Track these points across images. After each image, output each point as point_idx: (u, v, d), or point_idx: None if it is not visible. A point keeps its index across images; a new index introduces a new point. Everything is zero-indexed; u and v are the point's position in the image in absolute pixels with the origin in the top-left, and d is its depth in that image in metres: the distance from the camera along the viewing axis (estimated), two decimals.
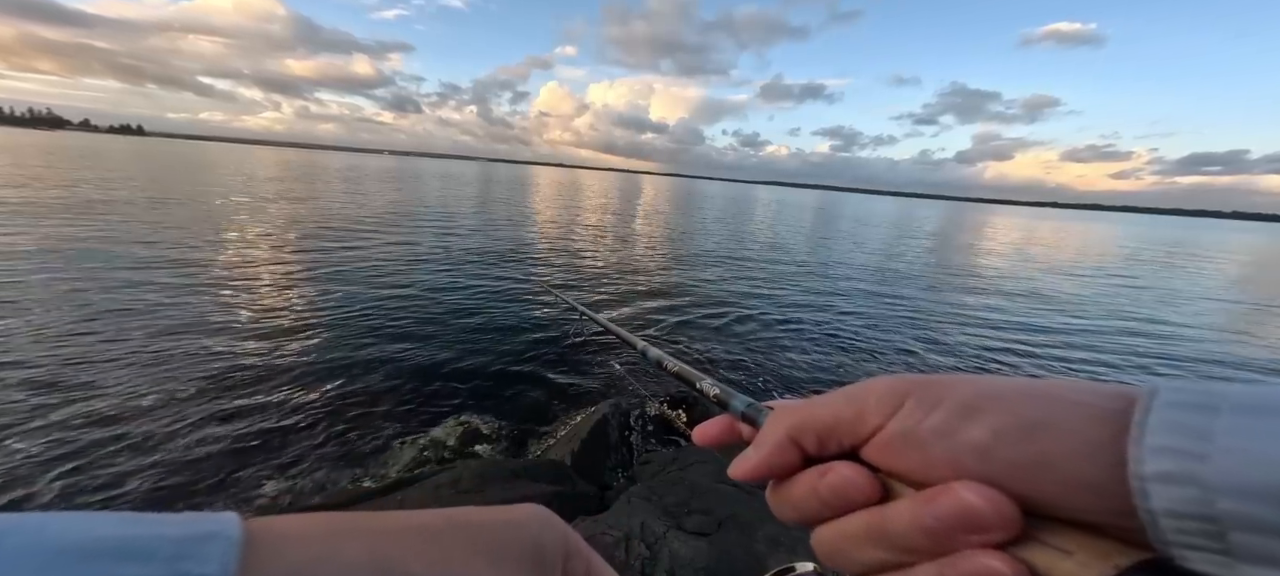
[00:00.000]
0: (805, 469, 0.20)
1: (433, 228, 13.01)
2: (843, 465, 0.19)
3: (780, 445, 0.20)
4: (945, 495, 0.16)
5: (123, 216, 10.48)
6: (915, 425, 0.17)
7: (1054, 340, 7.00)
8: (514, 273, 8.46)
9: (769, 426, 0.21)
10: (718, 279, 9.47)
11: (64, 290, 5.48)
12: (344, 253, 8.82)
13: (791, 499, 0.20)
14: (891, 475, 0.18)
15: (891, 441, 0.18)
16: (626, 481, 3.02)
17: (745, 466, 0.22)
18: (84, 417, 3.21)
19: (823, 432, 0.20)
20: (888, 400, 0.18)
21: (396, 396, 3.92)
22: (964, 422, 0.16)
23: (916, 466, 0.17)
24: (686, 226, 19.47)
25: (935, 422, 0.17)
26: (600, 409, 3.67)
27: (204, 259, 7.47)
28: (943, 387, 0.17)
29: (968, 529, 0.15)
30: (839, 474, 0.18)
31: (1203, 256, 23.40)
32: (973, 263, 15.11)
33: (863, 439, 0.19)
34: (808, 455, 0.20)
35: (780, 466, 0.20)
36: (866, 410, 0.19)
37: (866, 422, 0.19)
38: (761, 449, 0.21)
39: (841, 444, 0.19)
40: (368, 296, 6.32)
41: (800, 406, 0.21)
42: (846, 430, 0.19)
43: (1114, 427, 0.14)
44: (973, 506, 0.15)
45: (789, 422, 0.20)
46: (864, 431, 0.19)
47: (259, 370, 4.11)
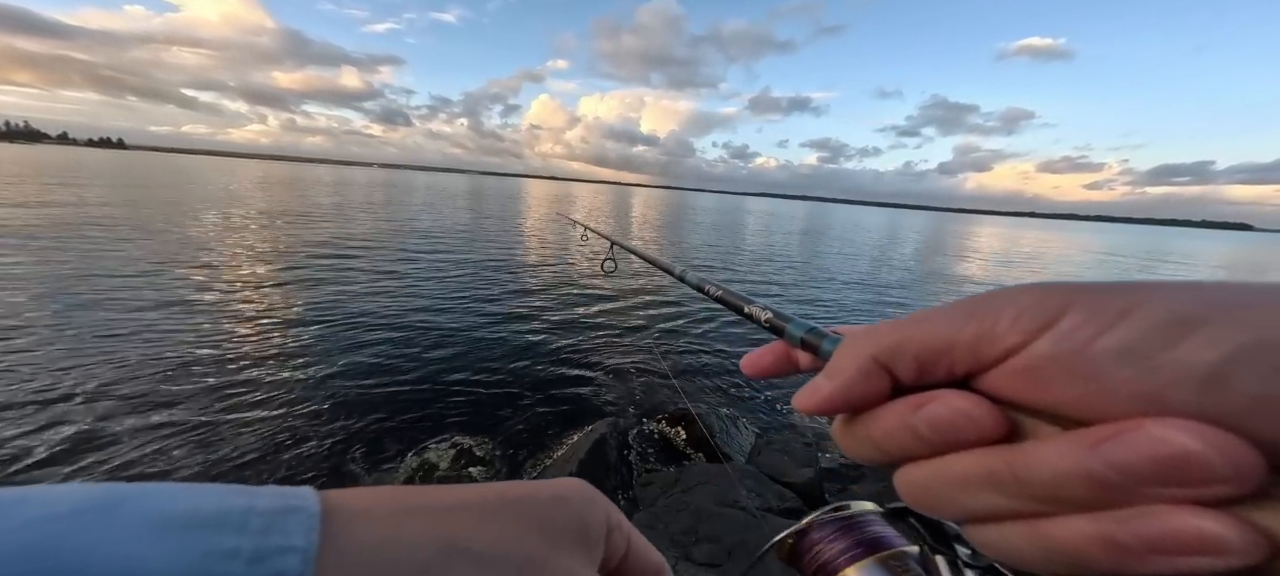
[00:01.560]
0: (893, 399, 0.16)
1: (421, 243, 12.86)
2: (951, 394, 0.15)
3: (864, 371, 0.16)
4: (1132, 433, 0.11)
5: (100, 235, 10.17)
6: (1083, 344, 0.13)
7: None
8: (505, 289, 8.36)
9: (847, 350, 0.18)
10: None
11: (37, 314, 5.25)
12: (327, 270, 8.64)
13: (874, 434, 0.16)
14: (1026, 408, 0.14)
15: (1036, 366, 0.13)
16: (627, 504, 2.93)
17: (817, 396, 0.17)
18: (63, 440, 3.03)
19: (926, 356, 0.16)
20: (1034, 314, 0.14)
21: (385, 417, 3.78)
22: (1174, 340, 0.11)
23: (1078, 398, 0.13)
24: (692, 239, 19.56)
25: (1118, 342, 0.12)
26: (598, 428, 3.59)
27: (182, 279, 7.25)
28: (1128, 296, 0.13)
29: (1170, 479, 0.11)
30: (946, 404, 0.15)
31: (1180, 264, 24.14)
32: (971, 273, 15.38)
33: (986, 364, 0.15)
34: (899, 383, 0.16)
35: (861, 396, 0.17)
36: (997, 327, 0.14)
37: (996, 343, 0.14)
38: (838, 375, 0.17)
39: (952, 370, 0.15)
40: (353, 315, 6.17)
41: (891, 327, 0.17)
42: (964, 352, 0.15)
43: None
44: (1182, 448, 0.11)
45: (876, 345, 0.17)
46: (990, 354, 0.14)
47: (239, 392, 3.94)
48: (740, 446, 3.85)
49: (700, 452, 3.69)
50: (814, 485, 2.79)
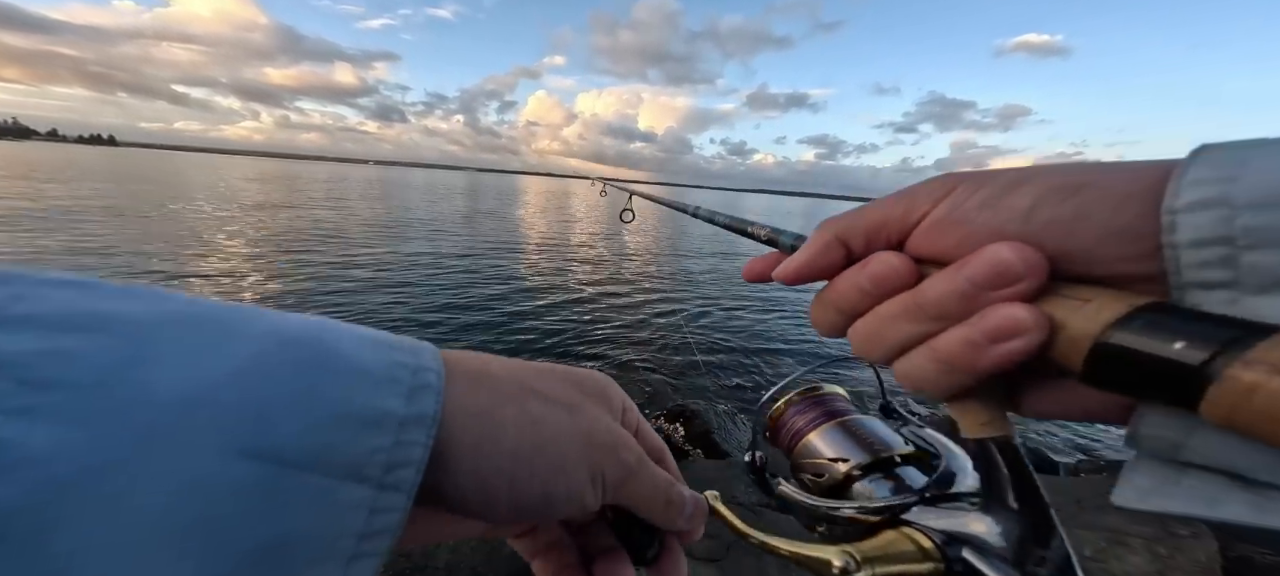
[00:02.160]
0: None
1: (417, 237, 12.81)
2: (883, 253, 0.20)
3: (826, 245, 0.21)
4: (980, 254, 0.16)
5: (95, 229, 10.07)
6: (961, 203, 0.18)
7: None
8: (500, 286, 8.35)
9: (815, 233, 0.22)
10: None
11: None
12: (320, 267, 8.61)
13: (833, 299, 0.21)
14: (932, 259, 0.19)
15: (936, 224, 0.19)
16: None
17: (791, 266, 0.22)
18: None
19: (870, 230, 0.20)
20: (937, 189, 0.19)
21: None
22: (1009, 193, 0.17)
23: (957, 242, 0.18)
24: (695, 239, 19.59)
25: (981, 197, 0.18)
26: None
27: (175, 273, 7.21)
28: (992, 172, 0.18)
29: (997, 283, 0.16)
30: (879, 260, 0.19)
31: None
32: None
33: (909, 230, 0.20)
34: (853, 255, 0.21)
35: (824, 265, 0.21)
36: (916, 202, 0.19)
37: (915, 213, 0.19)
38: (807, 250, 0.22)
39: (889, 240, 0.20)
40: (346, 310, 6.16)
41: (848, 213, 0.21)
42: (895, 225, 0.20)
43: (1153, 178, 0.15)
44: (1003, 259, 0.16)
45: (836, 226, 0.21)
46: (911, 221, 0.19)
47: None
48: (738, 442, 3.88)
49: (698, 448, 3.72)
50: None
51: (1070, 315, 0.15)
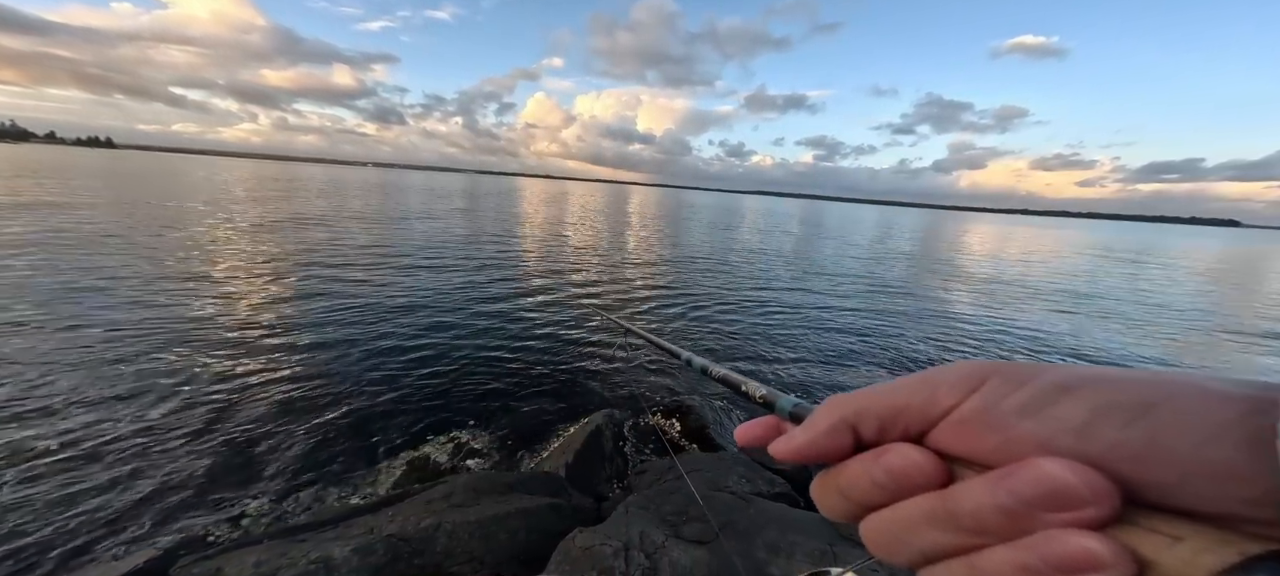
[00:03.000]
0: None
1: (415, 241, 12.85)
2: (902, 445, 0.18)
3: (833, 428, 0.20)
4: (1026, 469, 0.14)
5: (96, 226, 10.09)
6: (997, 402, 0.16)
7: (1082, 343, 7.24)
8: (499, 287, 8.40)
9: (822, 410, 0.21)
10: (731, 287, 9.55)
11: (41, 303, 5.24)
12: (322, 270, 8.64)
13: (840, 484, 0.19)
14: (961, 459, 0.17)
15: (966, 421, 0.17)
16: (622, 491, 3.00)
17: (790, 445, 0.21)
18: (62, 436, 3.06)
19: (885, 417, 0.19)
20: (966, 381, 0.17)
21: (384, 413, 3.83)
22: (1057, 400, 0.15)
23: (994, 447, 0.16)
24: (701, 240, 19.62)
25: (1021, 399, 0.16)
26: (594, 420, 3.65)
27: (174, 276, 7.24)
28: (1032, 369, 0.16)
29: (1053, 505, 0.14)
30: (898, 453, 0.18)
31: (1170, 263, 24.49)
32: (987, 271, 15.55)
33: (932, 422, 0.18)
34: (863, 442, 0.19)
35: (829, 449, 0.20)
36: (939, 392, 0.18)
37: (938, 404, 0.18)
38: (810, 430, 0.20)
39: (908, 430, 0.19)
40: (348, 314, 6.20)
41: (858, 393, 0.20)
42: (915, 414, 0.18)
43: (1245, 407, 0.13)
44: (1060, 479, 0.13)
45: (845, 407, 0.20)
46: (935, 414, 0.18)
47: (240, 389, 3.98)
48: (732, 436, 3.94)
49: (694, 443, 3.77)
50: (803, 471, 2.87)
51: (1159, 554, 0.13)
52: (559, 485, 2.51)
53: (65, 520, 2.48)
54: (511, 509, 1.95)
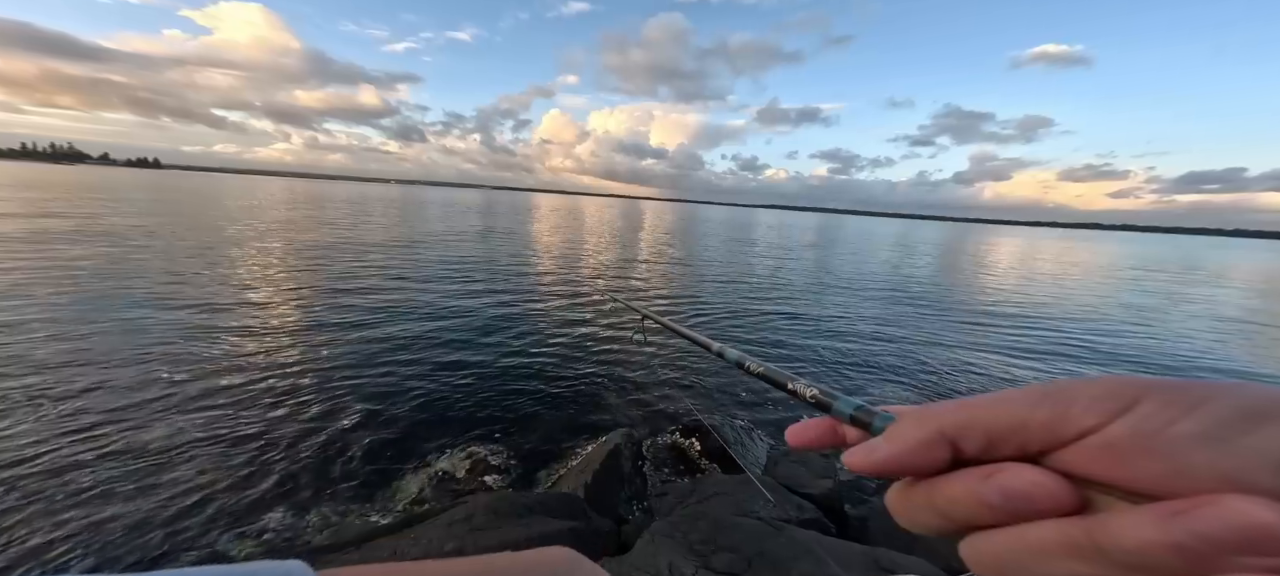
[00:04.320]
0: (953, 470, 0.18)
1: (432, 255, 13.13)
2: (1023, 466, 0.16)
3: (928, 441, 0.18)
4: (1215, 507, 0.12)
5: (144, 250, 10.65)
6: (1161, 428, 0.14)
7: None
8: (514, 301, 8.47)
9: (909, 422, 0.19)
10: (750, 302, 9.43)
11: (69, 320, 5.51)
12: (341, 283, 8.88)
13: (937, 500, 0.18)
14: (1097, 484, 0.15)
15: (1116, 446, 0.15)
16: (642, 514, 2.91)
17: (874, 457, 0.19)
18: (89, 449, 3.15)
19: (997, 433, 0.17)
20: (1111, 399, 0.15)
21: (401, 427, 3.84)
22: (1250, 429, 0.13)
23: (1157, 476, 0.14)
24: (714, 254, 19.57)
25: (1197, 426, 0.14)
26: (612, 438, 3.58)
27: (202, 289, 7.54)
28: (1199, 389, 0.14)
29: (1247, 549, 0.12)
30: (1020, 475, 0.16)
31: (1221, 279, 23.18)
32: (1018, 285, 15.03)
33: (1060, 442, 0.16)
34: (963, 457, 0.18)
35: (921, 464, 0.18)
36: (1072, 410, 0.16)
37: (1070, 424, 0.16)
38: (899, 442, 0.18)
39: (1024, 448, 0.17)
40: (370, 327, 6.32)
41: (955, 405, 0.18)
42: (1037, 431, 0.16)
43: None
44: (1261, 522, 0.12)
45: (942, 419, 0.18)
46: (1065, 434, 0.16)
47: (257, 402, 4.06)
48: (755, 457, 3.80)
49: (715, 463, 3.66)
50: (833, 497, 2.73)
51: None
52: (579, 507, 2.45)
53: (76, 532, 2.52)
54: (533, 533, 1.89)
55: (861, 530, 2.60)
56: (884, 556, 1.80)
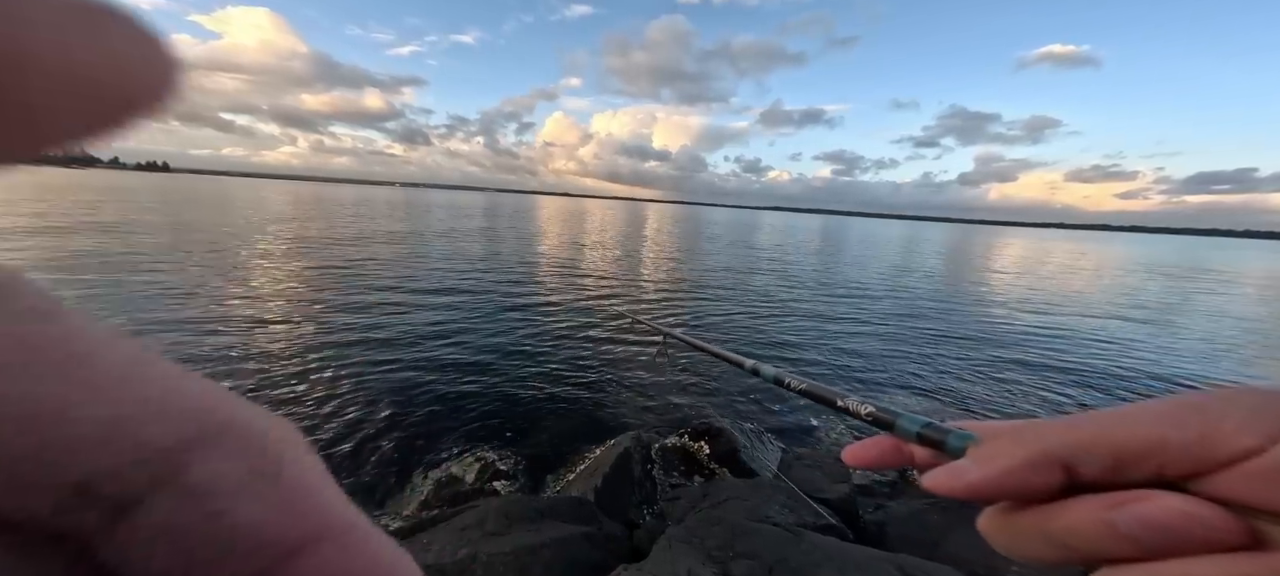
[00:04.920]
0: (1066, 496, 0.16)
1: (439, 258, 13.17)
2: (1168, 496, 0.14)
3: (1033, 463, 0.16)
4: None
5: (155, 250, 10.77)
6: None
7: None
8: (519, 303, 8.46)
9: (1006, 442, 0.17)
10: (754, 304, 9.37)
11: None
12: (346, 286, 8.91)
13: (1053, 529, 0.16)
14: (1266, 512, 0.13)
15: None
16: (653, 518, 2.86)
17: (965, 480, 0.17)
18: None
19: (1126, 455, 0.15)
20: (1268, 417, 0.13)
21: (409, 431, 3.82)
22: None
23: None
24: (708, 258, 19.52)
25: None
26: (621, 441, 3.54)
27: (211, 291, 7.58)
28: None
29: None
30: (1165, 506, 0.14)
31: (1231, 280, 22.84)
32: (1050, 289, 14.87)
33: (1210, 466, 0.14)
34: (1079, 481, 0.16)
35: (1026, 488, 0.16)
36: (1222, 429, 0.14)
37: (1223, 444, 0.14)
38: (995, 464, 0.16)
39: (1160, 471, 0.15)
40: (375, 330, 6.32)
41: (1066, 424, 0.16)
42: (1177, 454, 0.14)
43: None
44: None
45: (1049, 439, 0.16)
46: (1217, 456, 0.14)
47: (268, 403, 4.05)
48: (765, 461, 3.75)
49: (725, 467, 3.60)
50: (850, 501, 2.68)
51: None
52: (590, 512, 2.41)
53: None
54: (545, 538, 1.86)
55: (879, 535, 2.54)
56: (907, 562, 1.75)
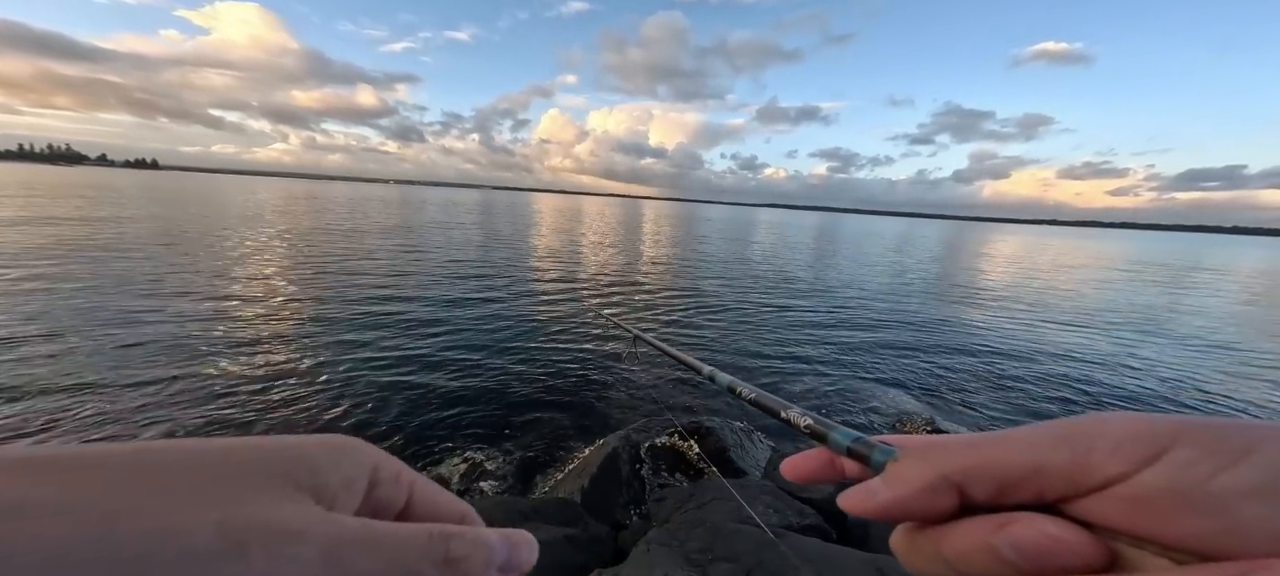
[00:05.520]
0: (961, 517, 0.16)
1: (431, 257, 13.08)
2: (1040, 518, 0.14)
3: (931, 487, 0.16)
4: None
5: (144, 251, 10.61)
6: (1203, 480, 0.12)
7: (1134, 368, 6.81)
8: (513, 303, 8.42)
9: (911, 464, 0.17)
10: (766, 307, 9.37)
11: (60, 317, 5.46)
12: (335, 286, 8.83)
13: (944, 550, 0.16)
14: (1127, 537, 0.14)
15: (1147, 498, 0.13)
16: (639, 520, 2.86)
17: (873, 501, 0.18)
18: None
19: (1008, 478, 0.15)
20: (1137, 444, 0.14)
21: (397, 432, 3.79)
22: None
23: (1198, 532, 0.12)
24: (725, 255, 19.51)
25: (1246, 480, 0.12)
26: (609, 442, 3.53)
27: (198, 292, 7.49)
28: (1244, 436, 0.13)
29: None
30: (1037, 528, 0.14)
31: (1221, 276, 23.11)
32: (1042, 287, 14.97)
33: (1082, 491, 0.14)
34: (969, 503, 0.16)
35: (925, 510, 0.17)
36: (1094, 455, 0.14)
37: (1094, 471, 0.14)
38: (900, 486, 0.17)
39: (1040, 494, 0.15)
40: (361, 331, 6.27)
41: (963, 444, 0.17)
42: (1054, 478, 0.15)
43: None
44: None
45: (947, 463, 0.16)
46: (1089, 481, 0.14)
47: (245, 407, 4.00)
48: (756, 460, 3.75)
49: (714, 467, 3.60)
50: (834, 502, 2.68)
51: None
52: (575, 513, 2.40)
53: None
54: None
55: (863, 536, 2.55)
56: (886, 563, 1.75)
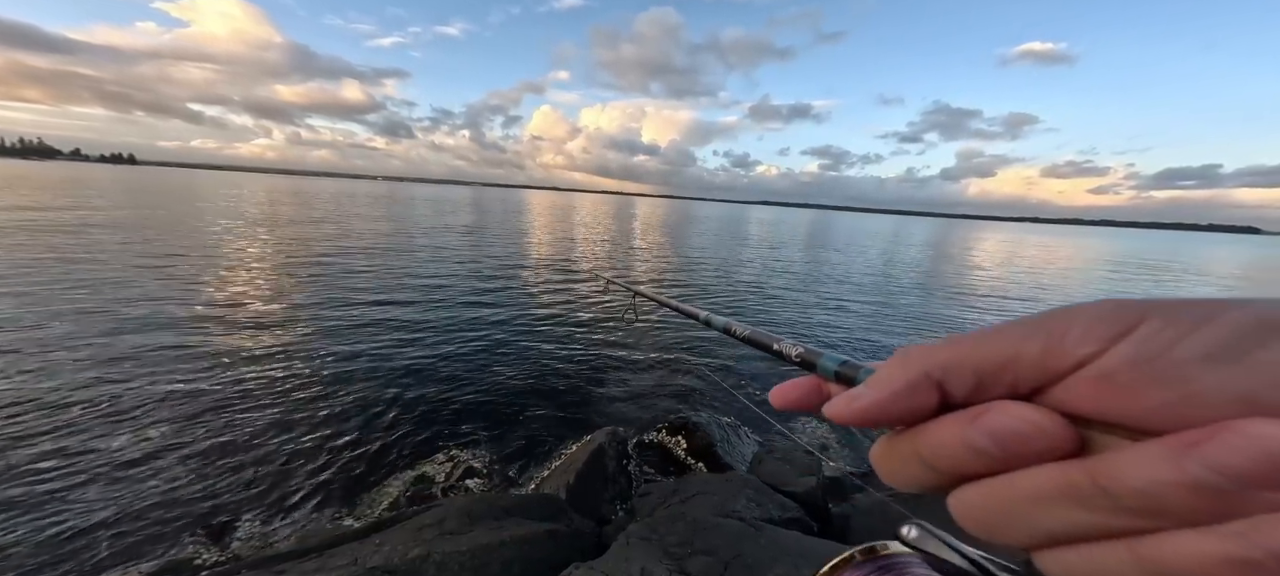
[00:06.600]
0: (941, 415, 0.16)
1: (420, 254, 12.93)
2: (1013, 404, 0.14)
3: (912, 384, 0.16)
4: (1233, 435, 0.10)
5: (118, 245, 10.30)
6: (1164, 348, 0.12)
7: None
8: (501, 299, 8.36)
9: (894, 363, 0.17)
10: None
11: (49, 316, 5.29)
12: (325, 282, 8.69)
13: (922, 449, 0.15)
14: (1097, 421, 0.13)
15: (1114, 375, 0.13)
16: (624, 515, 2.87)
17: (855, 405, 0.17)
18: (57, 448, 3.02)
19: (985, 370, 0.15)
20: (1107, 324, 0.13)
21: (383, 429, 3.75)
22: (1263, 342, 0.11)
23: (1163, 405, 0.12)
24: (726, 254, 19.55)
25: (1204, 343, 0.12)
26: (597, 437, 3.54)
27: (180, 291, 7.31)
28: (1206, 307, 0.12)
29: (1275, 482, 0.10)
30: (1010, 414, 0.14)
31: (1194, 274, 23.85)
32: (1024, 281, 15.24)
33: (1055, 376, 0.14)
34: (951, 400, 0.16)
35: (907, 409, 0.16)
36: (1066, 339, 0.14)
37: (1066, 355, 0.13)
38: (882, 387, 0.16)
39: (1016, 386, 0.15)
40: (348, 327, 6.18)
41: (944, 342, 0.16)
42: (1029, 366, 0.14)
43: None
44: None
45: (927, 360, 0.16)
46: (1059, 367, 0.14)
47: (230, 405, 3.93)
48: (742, 455, 3.78)
49: (701, 462, 3.63)
50: (815, 495, 2.72)
51: None
52: (559, 508, 2.40)
53: (42, 539, 2.41)
54: (506, 537, 1.84)
55: (844, 527, 2.59)
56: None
